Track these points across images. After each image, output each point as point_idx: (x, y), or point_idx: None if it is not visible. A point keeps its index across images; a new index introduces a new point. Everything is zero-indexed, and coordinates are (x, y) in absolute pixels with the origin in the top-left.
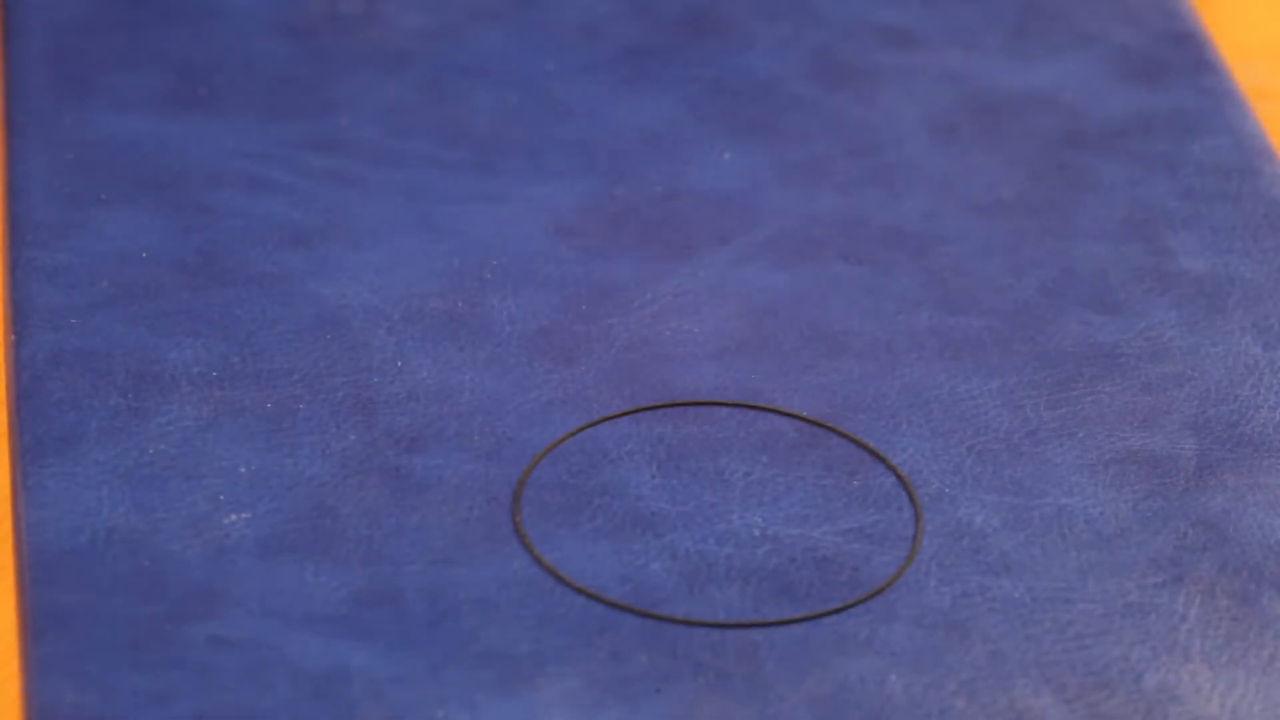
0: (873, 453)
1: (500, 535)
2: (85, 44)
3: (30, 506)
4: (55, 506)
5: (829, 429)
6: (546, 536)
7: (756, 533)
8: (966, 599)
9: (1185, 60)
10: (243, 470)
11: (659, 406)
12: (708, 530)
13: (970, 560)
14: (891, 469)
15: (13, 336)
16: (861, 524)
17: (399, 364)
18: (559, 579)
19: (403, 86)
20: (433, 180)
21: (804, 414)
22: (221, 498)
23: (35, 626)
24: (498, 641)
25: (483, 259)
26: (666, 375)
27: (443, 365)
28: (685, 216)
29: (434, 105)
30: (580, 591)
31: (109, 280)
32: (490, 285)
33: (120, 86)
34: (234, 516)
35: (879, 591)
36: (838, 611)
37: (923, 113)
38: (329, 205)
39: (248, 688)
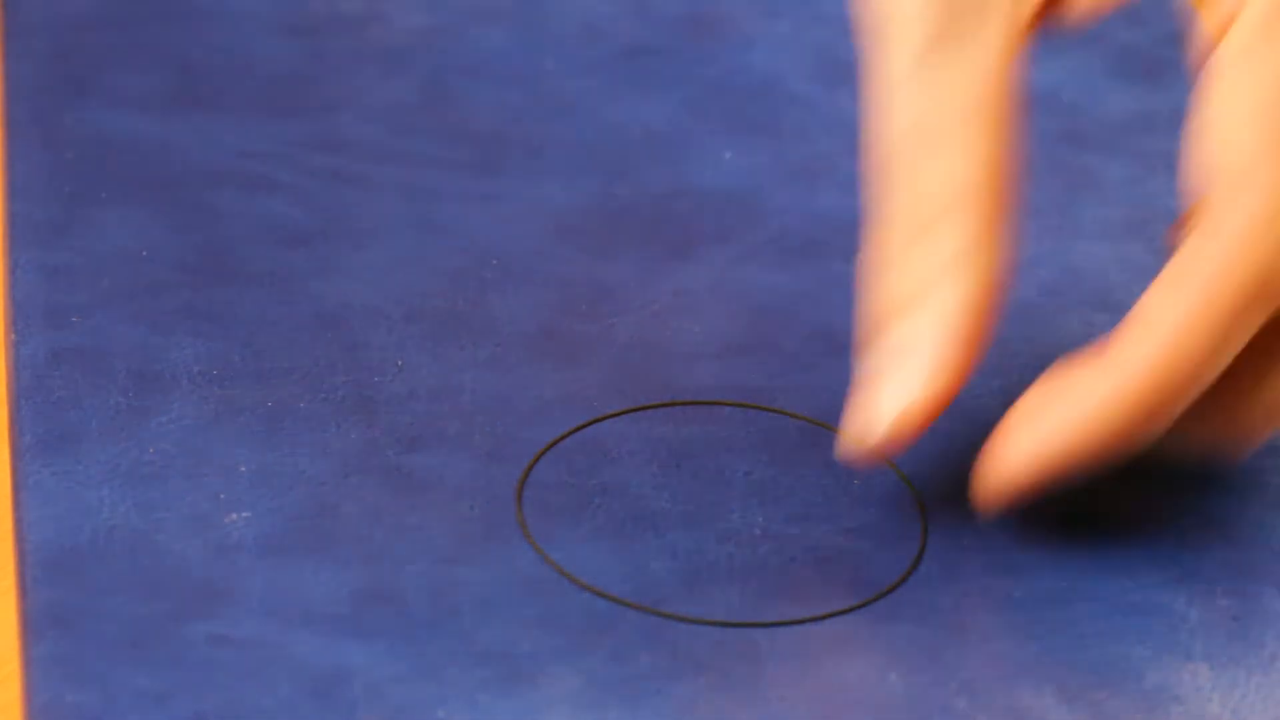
0: None
1: (501, 534)
2: (85, 43)
3: (30, 506)
4: (55, 506)
5: (831, 429)
6: (547, 536)
7: (758, 532)
8: (967, 599)
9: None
10: (243, 469)
11: (661, 405)
12: (709, 529)
13: (971, 560)
14: (893, 468)
15: (13, 336)
16: (863, 523)
17: (399, 363)
18: (561, 574)
19: (403, 86)
20: (433, 180)
21: (804, 414)
22: (222, 497)
23: (35, 626)
24: (499, 640)
25: (483, 259)
26: (667, 375)
27: (443, 364)
28: (685, 216)
29: (434, 105)
30: (584, 587)
31: (109, 279)
32: (491, 285)
33: (120, 86)
34: (234, 515)
35: (887, 593)
36: (842, 614)
37: None
38: (329, 205)
39: (248, 687)
